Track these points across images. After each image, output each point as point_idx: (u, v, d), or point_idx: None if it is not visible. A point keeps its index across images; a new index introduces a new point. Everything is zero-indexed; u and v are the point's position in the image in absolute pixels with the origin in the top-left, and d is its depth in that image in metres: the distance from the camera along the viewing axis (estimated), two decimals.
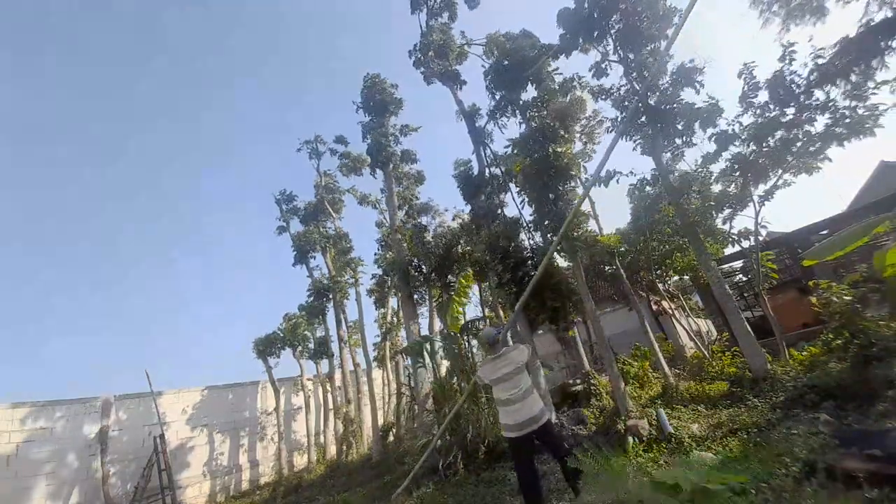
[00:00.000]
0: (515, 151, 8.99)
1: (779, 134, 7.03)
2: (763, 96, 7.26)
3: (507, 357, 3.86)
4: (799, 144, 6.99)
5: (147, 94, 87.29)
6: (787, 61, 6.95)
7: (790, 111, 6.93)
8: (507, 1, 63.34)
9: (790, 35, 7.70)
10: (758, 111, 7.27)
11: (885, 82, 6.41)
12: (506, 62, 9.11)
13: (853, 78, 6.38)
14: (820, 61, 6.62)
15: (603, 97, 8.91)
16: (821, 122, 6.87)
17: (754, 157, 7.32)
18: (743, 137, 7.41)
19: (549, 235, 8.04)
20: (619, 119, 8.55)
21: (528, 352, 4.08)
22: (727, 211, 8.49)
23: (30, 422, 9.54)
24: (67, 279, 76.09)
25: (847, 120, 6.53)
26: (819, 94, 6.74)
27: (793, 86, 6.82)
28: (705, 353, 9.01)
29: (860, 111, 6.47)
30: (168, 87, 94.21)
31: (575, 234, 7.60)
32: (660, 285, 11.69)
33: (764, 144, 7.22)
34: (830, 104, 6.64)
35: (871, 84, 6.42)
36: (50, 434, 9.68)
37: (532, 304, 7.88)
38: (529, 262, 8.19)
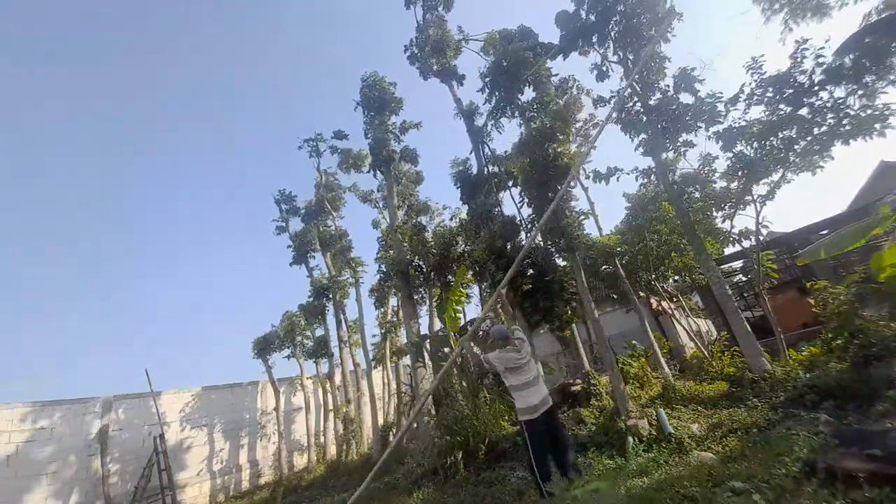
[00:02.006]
0: (514, 153, 8.99)
1: (783, 133, 6.91)
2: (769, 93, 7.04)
3: (521, 349, 4.12)
4: (803, 143, 6.87)
5: (147, 100, 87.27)
6: (798, 59, 6.73)
7: (797, 110, 6.77)
8: None
9: (792, 34, 7.62)
10: (768, 109, 7.08)
11: (894, 82, 6.22)
12: (504, 63, 9.11)
13: (867, 79, 6.20)
14: (821, 59, 6.49)
15: (602, 104, 8.93)
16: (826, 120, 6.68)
17: (757, 156, 7.21)
18: (747, 135, 7.25)
19: (548, 236, 8.04)
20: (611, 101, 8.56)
21: (525, 336, 4.41)
22: (728, 210, 8.45)
23: (30, 422, 9.54)
24: (67, 280, 75.99)
25: (851, 118, 6.35)
26: (823, 94, 6.59)
27: (798, 84, 6.66)
28: (705, 353, 9.00)
29: (869, 111, 6.27)
30: (168, 89, 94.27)
31: (575, 234, 7.60)
32: (659, 285, 11.68)
33: (767, 143, 7.11)
34: (839, 102, 6.47)
35: (880, 84, 6.22)
36: (50, 434, 9.68)
37: (526, 305, 7.90)
38: (526, 262, 8.17)
